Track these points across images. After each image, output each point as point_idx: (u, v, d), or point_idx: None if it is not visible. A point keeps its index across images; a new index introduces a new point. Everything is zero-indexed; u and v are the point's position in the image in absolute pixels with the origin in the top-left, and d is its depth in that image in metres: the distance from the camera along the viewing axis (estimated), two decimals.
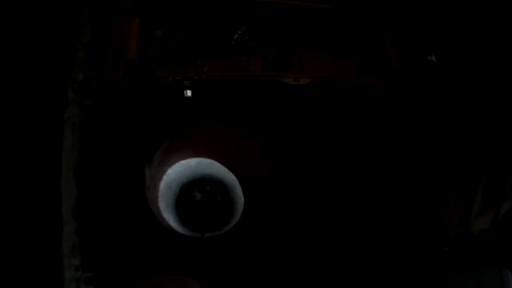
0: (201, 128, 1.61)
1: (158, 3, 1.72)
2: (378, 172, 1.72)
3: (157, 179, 1.57)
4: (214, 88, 1.58)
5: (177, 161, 1.60)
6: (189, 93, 1.55)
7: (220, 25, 1.77)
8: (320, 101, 1.69)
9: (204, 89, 1.56)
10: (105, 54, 1.55)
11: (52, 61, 1.67)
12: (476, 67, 1.70)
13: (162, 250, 1.45)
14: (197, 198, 1.65)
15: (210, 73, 1.66)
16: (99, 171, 1.56)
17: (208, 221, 1.60)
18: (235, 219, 1.57)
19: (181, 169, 1.60)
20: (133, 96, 1.59)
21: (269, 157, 1.59)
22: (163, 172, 1.58)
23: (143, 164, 1.55)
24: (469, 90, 1.71)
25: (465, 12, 1.73)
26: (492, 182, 1.50)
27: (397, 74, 1.73)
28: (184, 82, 1.53)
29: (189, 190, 1.65)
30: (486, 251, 1.45)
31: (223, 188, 1.66)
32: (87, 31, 1.73)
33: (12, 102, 1.61)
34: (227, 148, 1.63)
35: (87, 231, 1.46)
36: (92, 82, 1.66)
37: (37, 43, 1.70)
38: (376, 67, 1.82)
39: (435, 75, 1.77)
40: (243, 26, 1.76)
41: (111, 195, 1.52)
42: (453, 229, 1.54)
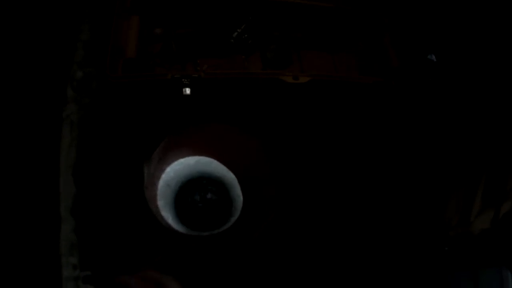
0: (200, 127, 1.60)
1: (157, 1, 1.72)
2: (378, 171, 1.72)
3: (156, 177, 1.56)
4: (213, 86, 1.58)
5: (176, 159, 1.59)
6: (188, 91, 1.55)
7: (220, 23, 1.77)
8: (320, 99, 1.69)
9: (203, 87, 1.56)
10: (104, 51, 1.55)
11: (51, 59, 1.67)
12: (476, 67, 1.70)
13: (161, 248, 1.44)
14: (196, 197, 1.65)
15: (209, 71, 1.66)
16: (97, 169, 1.56)
17: (206, 220, 1.59)
18: (233, 218, 1.56)
19: (180, 167, 1.59)
20: (132, 94, 1.59)
21: (269, 156, 1.58)
22: (161, 170, 1.57)
23: (142, 163, 1.54)
24: (469, 90, 1.71)
25: (465, 11, 1.73)
26: (492, 182, 1.49)
27: (397, 73, 1.73)
28: (183, 80, 1.52)
29: (188, 188, 1.65)
30: (486, 251, 1.45)
31: (222, 187, 1.65)
32: (86, 29, 1.73)
33: (10, 100, 1.61)
34: (226, 147, 1.62)
35: (85, 230, 1.45)
36: (91, 79, 1.66)
37: (35, 41, 1.69)
38: (376, 66, 1.82)
39: (435, 74, 1.77)
40: (242, 24, 1.75)
41: (110, 194, 1.51)
42: (453, 229, 1.54)
